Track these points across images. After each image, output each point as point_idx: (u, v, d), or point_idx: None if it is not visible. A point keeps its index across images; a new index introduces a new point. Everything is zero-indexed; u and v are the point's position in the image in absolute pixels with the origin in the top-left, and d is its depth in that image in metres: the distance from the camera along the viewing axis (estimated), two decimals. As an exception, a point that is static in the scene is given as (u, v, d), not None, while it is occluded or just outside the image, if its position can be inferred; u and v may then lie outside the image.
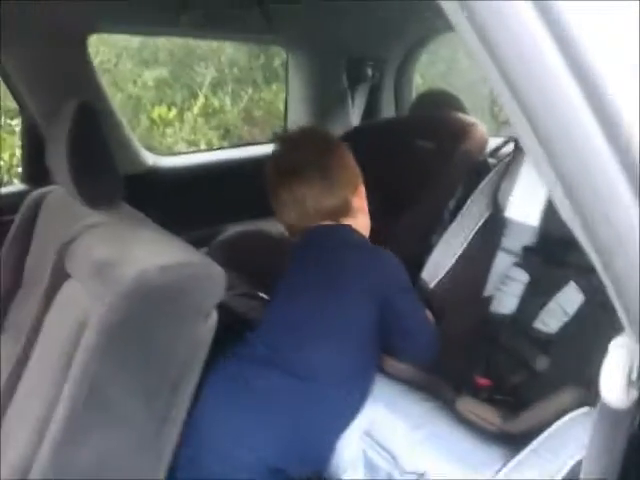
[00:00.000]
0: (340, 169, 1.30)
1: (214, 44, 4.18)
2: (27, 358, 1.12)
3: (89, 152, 1.14)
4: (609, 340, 0.52)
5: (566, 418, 1.01)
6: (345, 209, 1.30)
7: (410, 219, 1.76)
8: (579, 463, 0.83)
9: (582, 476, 0.62)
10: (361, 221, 1.34)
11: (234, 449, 1.11)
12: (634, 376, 0.51)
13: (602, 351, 0.53)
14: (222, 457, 1.12)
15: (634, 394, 0.52)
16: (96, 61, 3.93)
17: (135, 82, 4.30)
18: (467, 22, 0.40)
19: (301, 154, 1.30)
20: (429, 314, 1.33)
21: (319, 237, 1.29)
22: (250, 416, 1.14)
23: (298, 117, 2.38)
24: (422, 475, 1.05)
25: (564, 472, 0.94)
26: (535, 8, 0.38)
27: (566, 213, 0.44)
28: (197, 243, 1.79)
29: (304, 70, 2.28)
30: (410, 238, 1.68)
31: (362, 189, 1.35)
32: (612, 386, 0.51)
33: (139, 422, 0.96)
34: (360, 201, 1.34)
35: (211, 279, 0.97)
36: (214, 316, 0.99)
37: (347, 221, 1.31)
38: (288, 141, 1.40)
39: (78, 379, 0.92)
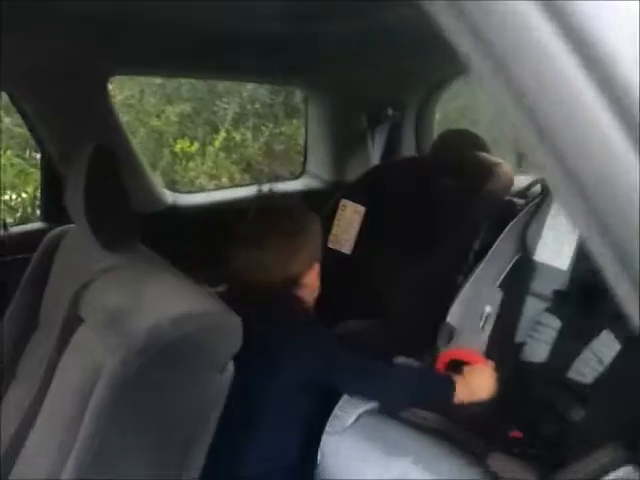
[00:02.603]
0: (300, 249, 1.27)
1: (235, 80, 4.21)
2: (39, 406, 1.08)
3: (105, 195, 1.12)
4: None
5: (608, 478, 0.94)
6: (293, 283, 1.27)
7: (434, 260, 1.70)
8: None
9: None
10: (306, 295, 1.31)
11: None
12: None
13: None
14: None
15: None
16: (121, 96, 4.02)
17: (159, 117, 4.33)
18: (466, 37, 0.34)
19: (268, 231, 1.27)
20: None
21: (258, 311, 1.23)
22: None
23: (318, 154, 2.35)
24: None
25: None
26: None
27: (598, 249, 0.38)
28: (218, 280, 1.75)
29: (323, 109, 2.26)
30: (434, 279, 1.63)
31: (317, 266, 1.32)
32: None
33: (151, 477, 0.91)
34: (310, 278, 1.30)
35: (226, 330, 0.92)
36: (230, 369, 0.94)
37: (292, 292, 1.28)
38: (262, 210, 1.36)
39: (89, 434, 0.88)
